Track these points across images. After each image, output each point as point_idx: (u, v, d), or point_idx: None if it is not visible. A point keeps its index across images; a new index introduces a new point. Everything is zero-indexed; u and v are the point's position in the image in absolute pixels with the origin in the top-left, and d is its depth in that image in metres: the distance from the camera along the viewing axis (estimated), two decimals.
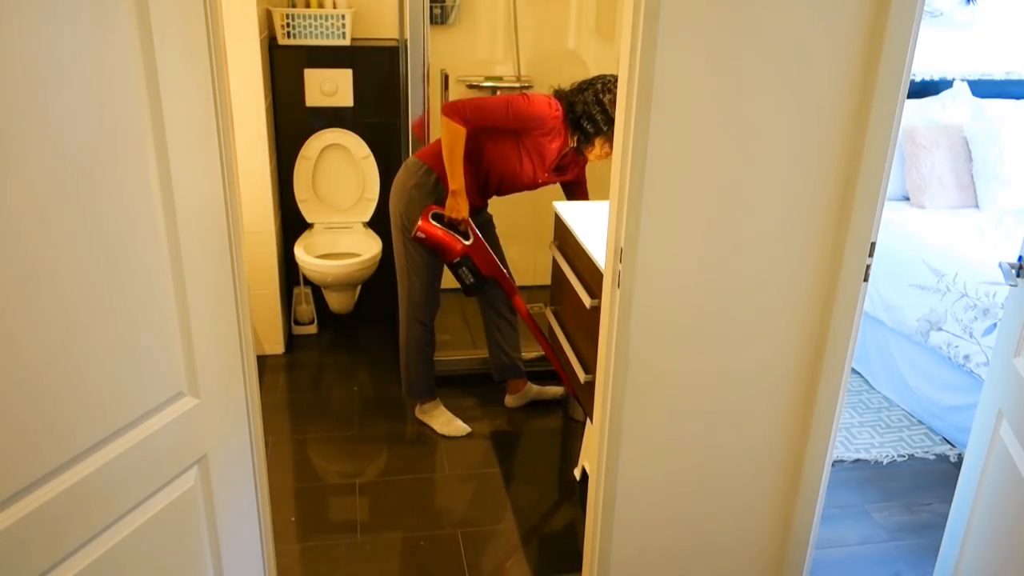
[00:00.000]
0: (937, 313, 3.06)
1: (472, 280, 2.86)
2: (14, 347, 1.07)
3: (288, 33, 3.48)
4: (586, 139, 2.77)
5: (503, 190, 2.92)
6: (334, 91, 3.56)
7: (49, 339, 1.12)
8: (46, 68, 1.05)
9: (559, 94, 2.81)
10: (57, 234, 1.10)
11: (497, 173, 2.85)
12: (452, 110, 2.64)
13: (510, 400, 3.26)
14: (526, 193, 3.17)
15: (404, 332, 3.03)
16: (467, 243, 2.80)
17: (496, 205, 3.09)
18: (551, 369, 3.09)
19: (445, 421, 3.11)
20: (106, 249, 1.18)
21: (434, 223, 2.76)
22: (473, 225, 2.84)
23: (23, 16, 1.01)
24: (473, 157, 2.80)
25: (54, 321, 1.12)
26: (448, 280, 4.10)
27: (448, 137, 2.66)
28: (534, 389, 3.27)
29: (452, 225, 2.78)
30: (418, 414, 3.16)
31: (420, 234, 2.75)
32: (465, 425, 3.09)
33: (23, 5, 1.01)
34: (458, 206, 2.75)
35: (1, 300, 1.04)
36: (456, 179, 2.71)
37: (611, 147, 2.65)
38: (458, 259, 2.81)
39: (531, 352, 3.44)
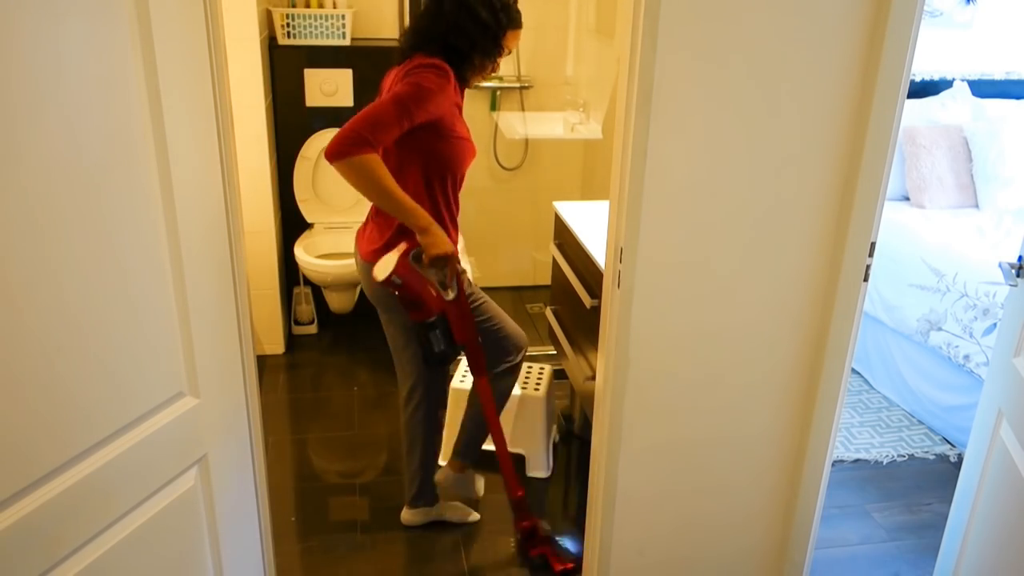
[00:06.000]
0: (937, 313, 3.06)
1: (442, 347, 2.11)
2: (18, 345, 1.07)
3: (288, 33, 3.48)
4: (464, 61, 2.12)
5: (456, 189, 2.22)
6: (334, 91, 3.56)
7: (52, 338, 1.12)
8: (51, 69, 1.05)
9: (409, 46, 2.13)
10: (62, 234, 1.11)
11: (445, 174, 2.14)
12: (349, 141, 1.88)
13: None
14: (525, 193, 3.06)
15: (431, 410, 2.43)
16: (449, 297, 2.07)
17: (495, 204, 3.03)
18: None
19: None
20: (107, 248, 1.18)
21: (415, 265, 2.01)
22: (461, 273, 2.10)
23: (32, 19, 1.02)
24: (412, 181, 2.10)
25: (57, 320, 1.12)
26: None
27: (364, 173, 1.91)
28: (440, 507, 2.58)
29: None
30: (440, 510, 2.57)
31: (396, 279, 1.98)
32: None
33: (33, 9, 1.02)
34: (438, 240, 2.00)
35: (9, 296, 1.05)
36: (414, 211, 1.99)
37: (501, 53, 2.16)
38: (434, 318, 2.06)
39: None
